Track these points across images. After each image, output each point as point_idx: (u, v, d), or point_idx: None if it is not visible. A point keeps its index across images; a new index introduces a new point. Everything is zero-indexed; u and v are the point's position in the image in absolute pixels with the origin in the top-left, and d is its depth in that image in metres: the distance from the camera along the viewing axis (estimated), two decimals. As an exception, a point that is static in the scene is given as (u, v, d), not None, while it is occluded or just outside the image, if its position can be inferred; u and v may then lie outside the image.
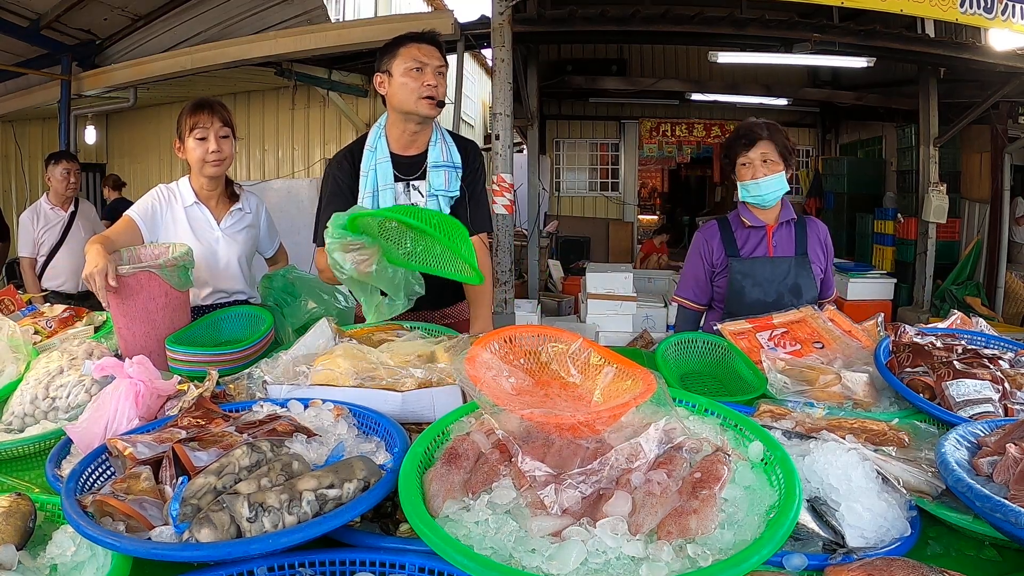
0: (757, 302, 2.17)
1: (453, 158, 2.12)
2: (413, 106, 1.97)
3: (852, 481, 1.01)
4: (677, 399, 1.16)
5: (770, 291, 2.21)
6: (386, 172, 2.04)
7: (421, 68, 1.95)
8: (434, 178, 2.07)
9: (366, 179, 2.04)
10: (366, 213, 1.54)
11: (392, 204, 2.02)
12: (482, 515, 0.87)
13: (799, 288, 2.23)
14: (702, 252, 2.32)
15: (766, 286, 2.21)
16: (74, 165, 4.29)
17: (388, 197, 2.04)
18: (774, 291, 2.21)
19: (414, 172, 2.09)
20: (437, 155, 2.10)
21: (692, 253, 2.38)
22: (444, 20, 5.92)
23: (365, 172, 2.04)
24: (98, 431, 1.18)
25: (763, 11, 5.82)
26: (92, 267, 1.67)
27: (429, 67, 1.96)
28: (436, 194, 2.08)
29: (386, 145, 2.06)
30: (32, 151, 8.98)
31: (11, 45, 6.59)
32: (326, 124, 8.44)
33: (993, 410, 1.32)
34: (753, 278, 2.22)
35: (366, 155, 2.06)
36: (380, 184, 2.03)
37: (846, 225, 9.06)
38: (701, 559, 0.79)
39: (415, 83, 1.95)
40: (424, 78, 1.95)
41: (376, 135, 2.08)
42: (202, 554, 0.80)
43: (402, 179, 2.07)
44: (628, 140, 10.44)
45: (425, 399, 1.25)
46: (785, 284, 2.22)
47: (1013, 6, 4.85)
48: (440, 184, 2.08)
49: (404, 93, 1.97)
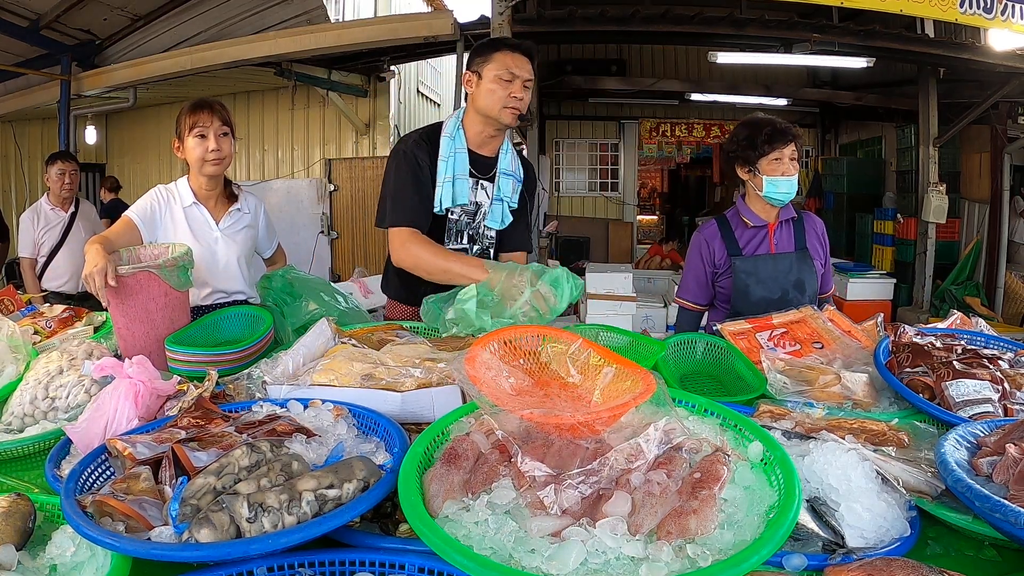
0: (762, 299, 2.18)
1: (518, 171, 2.19)
2: (497, 113, 2.01)
3: (852, 481, 1.01)
4: (677, 399, 1.16)
5: (774, 288, 2.21)
6: (464, 162, 2.06)
7: (511, 79, 1.98)
8: (503, 184, 2.14)
9: (446, 164, 2.05)
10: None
11: (466, 194, 2.07)
12: (482, 515, 0.87)
13: (803, 283, 2.24)
14: (703, 253, 2.32)
15: (770, 283, 2.22)
16: (70, 166, 4.28)
17: (463, 187, 2.07)
18: (779, 288, 2.21)
19: (484, 172, 2.13)
20: (507, 163, 2.16)
21: (692, 254, 2.37)
22: (444, 20, 5.92)
23: (445, 158, 2.05)
24: (98, 431, 1.18)
25: (763, 11, 5.82)
26: (92, 267, 1.67)
27: (519, 79, 1.99)
28: (503, 199, 2.15)
29: (464, 138, 2.08)
30: (32, 151, 8.99)
31: (11, 45, 6.59)
32: (326, 124, 8.45)
33: (993, 410, 1.32)
34: (757, 276, 2.22)
35: (444, 142, 2.07)
36: (458, 172, 2.05)
37: (846, 225, 9.06)
38: (701, 559, 0.79)
39: (503, 91, 1.98)
40: (512, 88, 1.99)
41: (454, 126, 2.09)
42: (202, 554, 0.80)
43: (473, 175, 2.10)
44: (628, 140, 10.43)
45: (425, 399, 1.25)
46: (789, 280, 2.23)
47: (1013, 6, 4.85)
48: (508, 191, 2.15)
49: (490, 98, 2.00)
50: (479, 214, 2.15)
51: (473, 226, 2.16)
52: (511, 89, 1.99)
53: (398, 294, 2.23)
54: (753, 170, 2.21)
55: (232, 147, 2.21)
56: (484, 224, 2.17)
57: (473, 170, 2.09)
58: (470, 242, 2.17)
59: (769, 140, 2.17)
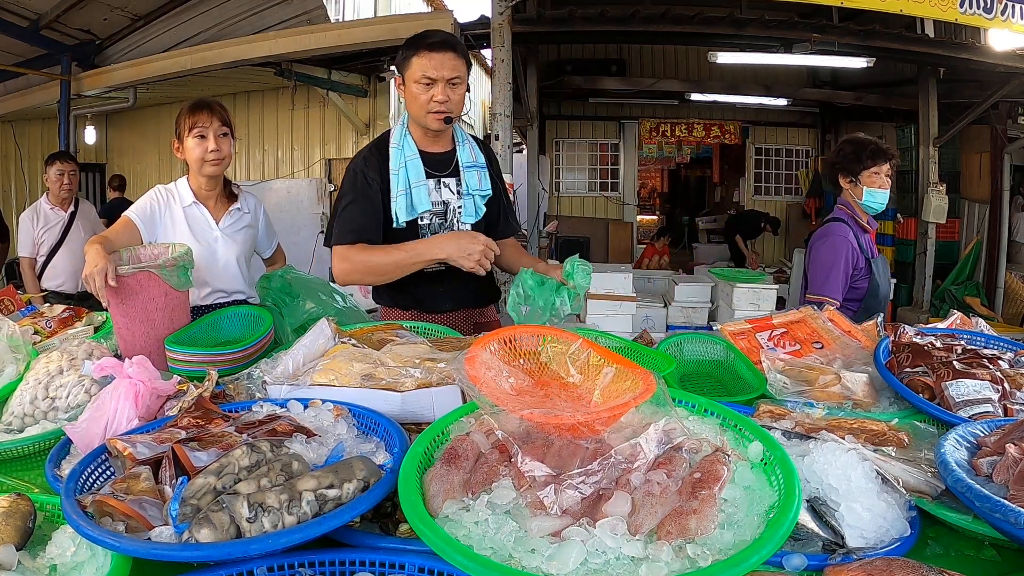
0: (884, 297, 2.57)
1: (479, 158, 2.12)
2: (423, 119, 1.95)
3: (852, 481, 1.01)
4: (677, 399, 1.16)
5: (888, 287, 2.59)
6: (417, 169, 2.00)
7: (431, 83, 1.91)
8: (469, 178, 2.07)
9: (397, 177, 1.99)
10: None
11: (427, 200, 2.00)
12: (482, 515, 0.87)
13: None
14: (847, 255, 2.50)
15: (887, 282, 2.60)
16: (69, 166, 4.29)
17: (423, 194, 2.00)
18: (889, 286, 2.59)
19: (443, 169, 2.07)
20: (467, 156, 2.09)
21: (838, 254, 2.52)
22: (444, 20, 5.92)
23: (395, 170, 1.99)
24: (98, 431, 1.18)
25: (763, 11, 5.83)
26: (91, 267, 1.67)
27: (439, 81, 1.90)
28: (472, 194, 2.08)
29: (413, 142, 2.02)
30: (32, 151, 8.99)
31: (11, 45, 6.59)
32: (326, 124, 8.45)
33: (993, 410, 1.32)
34: (884, 276, 2.57)
35: (393, 153, 2.01)
36: (413, 181, 1.99)
37: (846, 225, 9.04)
38: (701, 559, 0.79)
39: (424, 96, 1.91)
40: (433, 92, 1.91)
41: (400, 133, 2.03)
42: (202, 554, 0.80)
43: (433, 175, 2.04)
44: (628, 140, 10.44)
45: (425, 399, 1.25)
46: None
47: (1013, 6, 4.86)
48: (475, 184, 2.08)
49: (415, 105, 1.95)
50: (449, 212, 2.08)
51: (446, 225, 2.08)
52: (431, 92, 1.91)
53: (393, 300, 2.15)
54: (855, 181, 2.54)
55: (232, 147, 2.21)
56: (459, 222, 2.09)
57: (431, 170, 2.03)
58: None
59: (872, 156, 2.51)
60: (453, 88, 1.93)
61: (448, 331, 1.89)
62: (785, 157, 10.65)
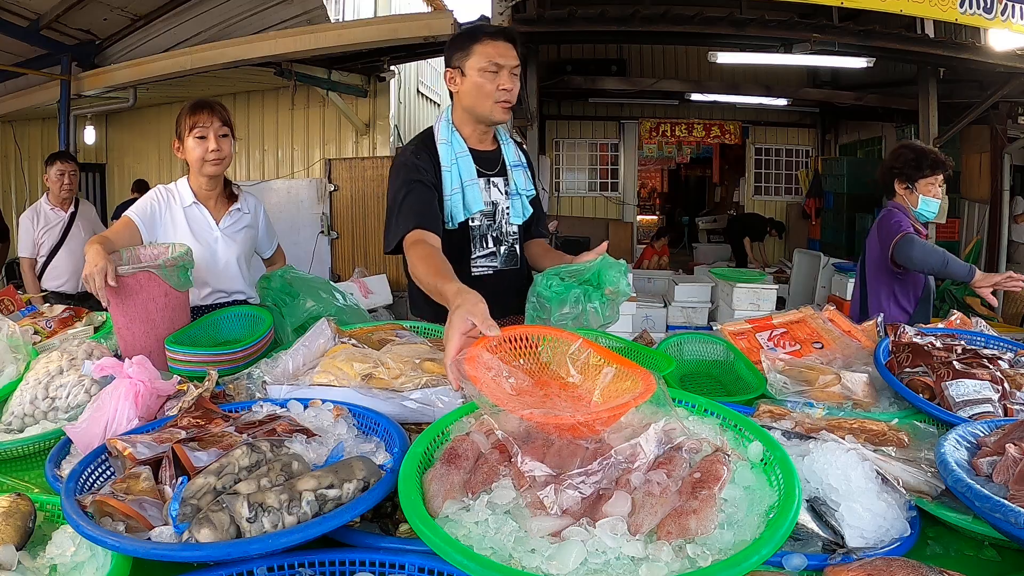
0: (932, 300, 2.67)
1: (522, 158, 2.08)
2: (488, 110, 1.89)
3: (851, 481, 1.01)
4: (677, 399, 1.16)
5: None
6: (469, 166, 1.94)
7: (497, 70, 1.84)
8: (518, 178, 2.03)
9: (450, 174, 1.92)
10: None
11: (480, 200, 1.94)
12: (482, 515, 0.87)
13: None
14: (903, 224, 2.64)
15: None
16: (70, 166, 4.29)
17: (476, 192, 1.93)
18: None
19: (491, 168, 2.02)
20: (511, 155, 2.04)
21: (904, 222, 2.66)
22: (444, 20, 5.92)
23: (447, 167, 1.92)
24: (98, 431, 1.18)
25: (763, 11, 5.82)
26: (92, 267, 1.67)
27: (505, 68, 1.85)
28: (521, 193, 2.03)
29: (461, 139, 1.96)
30: (32, 151, 8.99)
31: (11, 45, 6.59)
32: (326, 124, 8.45)
33: (993, 410, 1.32)
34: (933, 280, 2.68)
35: (442, 149, 1.93)
36: (465, 179, 1.93)
37: (845, 225, 9.06)
38: (701, 559, 0.79)
39: (491, 85, 1.85)
40: (500, 80, 1.85)
41: (447, 129, 1.95)
42: (202, 554, 0.80)
43: (482, 174, 1.98)
44: (628, 140, 10.44)
45: (425, 399, 1.25)
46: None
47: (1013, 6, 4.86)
48: (522, 183, 2.04)
49: (479, 95, 1.87)
50: (498, 213, 2.03)
51: (495, 227, 2.02)
52: (499, 81, 1.85)
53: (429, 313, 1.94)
54: (911, 188, 2.63)
55: (232, 147, 2.21)
56: (507, 222, 2.04)
57: (480, 168, 1.97)
58: (495, 244, 2.04)
59: (932, 166, 2.62)
60: (514, 78, 1.88)
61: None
62: (785, 157, 10.66)
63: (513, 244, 2.08)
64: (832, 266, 7.44)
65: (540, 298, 1.69)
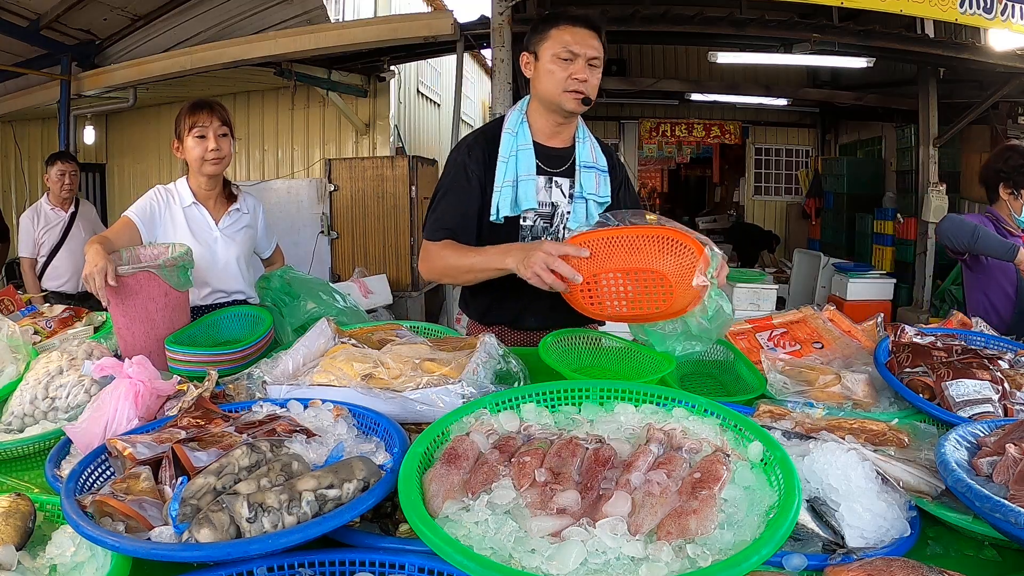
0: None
1: (600, 160, 1.92)
2: (557, 98, 1.78)
3: (852, 481, 1.01)
4: (677, 399, 1.16)
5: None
6: (529, 161, 1.83)
7: (571, 58, 1.75)
8: (585, 180, 1.88)
9: (506, 165, 1.82)
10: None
11: (533, 197, 1.83)
12: (482, 515, 0.87)
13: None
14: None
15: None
16: (71, 166, 4.29)
17: (530, 189, 1.82)
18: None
19: (558, 166, 1.89)
20: (586, 154, 1.90)
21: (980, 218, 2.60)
22: (444, 20, 5.93)
23: (505, 158, 1.82)
24: (98, 431, 1.18)
25: (763, 11, 5.83)
26: (91, 267, 1.67)
27: (581, 57, 1.75)
28: (586, 198, 1.87)
29: (528, 131, 1.86)
30: (32, 151, 8.98)
31: (11, 45, 6.59)
32: (326, 124, 8.45)
33: (993, 410, 1.32)
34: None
35: (505, 139, 1.84)
36: (522, 173, 1.82)
37: (845, 225, 9.06)
38: (701, 559, 0.79)
39: (562, 72, 1.75)
40: (573, 68, 1.75)
41: (517, 119, 1.86)
42: (202, 554, 0.80)
43: (545, 172, 1.87)
44: (628, 140, 10.43)
45: (425, 399, 1.25)
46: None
47: (1013, 6, 4.86)
48: (591, 187, 1.88)
49: (549, 82, 1.78)
50: (557, 216, 1.89)
51: (551, 230, 1.89)
52: (571, 69, 1.75)
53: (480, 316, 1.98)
54: (1016, 194, 2.58)
55: (232, 147, 2.21)
56: (565, 227, 1.89)
57: (544, 166, 1.85)
58: None
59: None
60: (592, 70, 1.78)
61: (447, 331, 1.89)
62: (785, 157, 10.66)
63: None
64: (832, 266, 7.44)
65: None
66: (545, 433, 1.08)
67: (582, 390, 1.21)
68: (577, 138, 1.91)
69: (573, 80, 1.75)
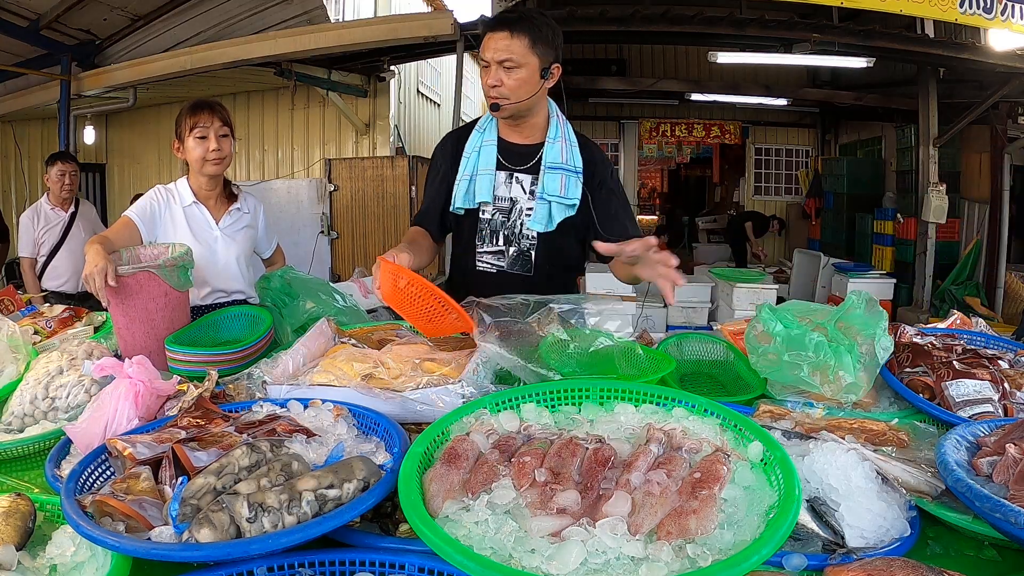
0: None
1: (574, 161, 1.88)
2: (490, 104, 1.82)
3: (852, 481, 1.01)
4: (677, 399, 1.16)
5: None
6: (489, 157, 1.86)
7: (487, 65, 1.78)
8: (548, 182, 1.85)
9: (467, 160, 1.88)
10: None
11: (488, 191, 1.85)
12: (482, 515, 0.87)
13: None
14: None
15: None
16: (71, 166, 4.29)
17: (484, 184, 1.85)
18: None
19: (521, 163, 1.89)
20: (554, 155, 1.86)
21: None
22: (444, 20, 5.93)
23: (468, 154, 1.89)
24: (98, 431, 1.18)
25: (763, 11, 5.83)
26: (91, 267, 1.67)
27: (492, 63, 1.76)
28: (548, 199, 1.85)
29: (496, 129, 1.90)
30: (32, 151, 8.99)
31: (11, 45, 6.59)
32: (326, 124, 8.45)
33: (993, 410, 1.32)
34: None
35: (473, 136, 1.90)
36: (480, 168, 1.85)
37: (846, 225, 9.06)
38: (701, 559, 0.79)
39: (484, 80, 1.80)
40: (487, 76, 1.78)
41: (488, 116, 1.91)
42: (202, 554, 0.80)
43: (507, 168, 1.89)
44: (628, 140, 10.43)
45: (425, 399, 1.25)
46: None
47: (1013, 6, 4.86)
48: (555, 189, 1.84)
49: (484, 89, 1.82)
50: (514, 211, 1.91)
51: (508, 224, 1.91)
52: (486, 78, 1.78)
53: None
54: None
55: (232, 147, 2.21)
56: (523, 223, 1.90)
57: (506, 162, 1.88)
58: (506, 243, 1.93)
59: None
60: (507, 72, 1.75)
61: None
62: (785, 157, 10.66)
63: (529, 249, 1.93)
64: (832, 266, 7.45)
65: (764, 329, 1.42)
66: (545, 433, 1.08)
67: (582, 390, 1.21)
68: (548, 137, 1.90)
69: (488, 87, 1.79)
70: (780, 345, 1.38)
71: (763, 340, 1.43)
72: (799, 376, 1.36)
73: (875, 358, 1.39)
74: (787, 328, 1.40)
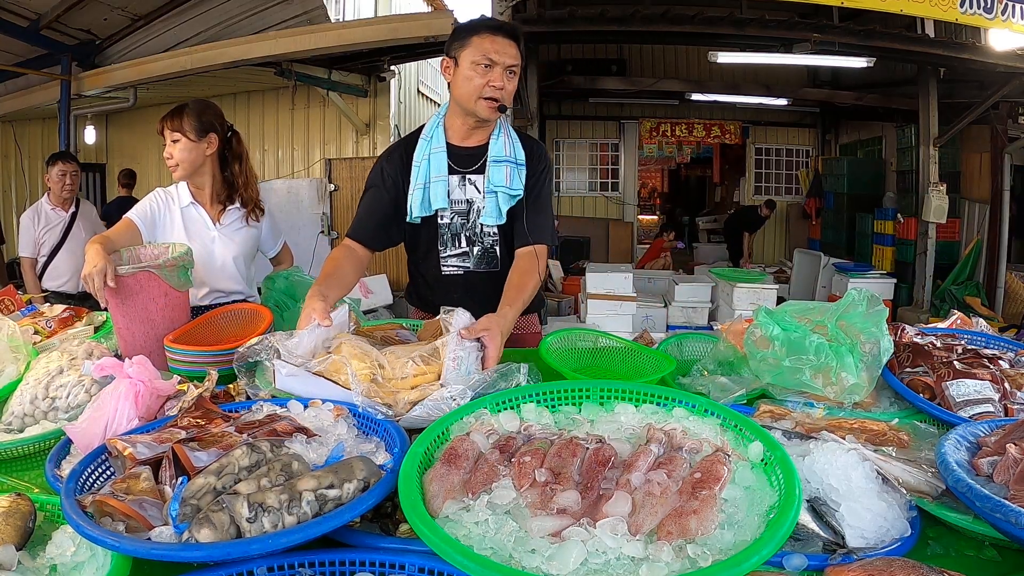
0: None
1: (516, 154, 1.94)
2: (472, 105, 1.83)
3: (852, 481, 1.01)
4: (677, 399, 1.16)
5: None
6: (440, 163, 1.90)
7: (490, 65, 1.79)
8: (494, 173, 1.91)
9: (418, 169, 1.90)
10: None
11: (444, 197, 1.89)
12: (482, 515, 0.87)
13: None
14: None
15: None
16: (71, 166, 4.29)
17: (440, 190, 1.89)
18: None
19: (471, 164, 1.94)
20: (499, 149, 1.93)
21: None
22: (444, 20, 5.92)
23: (418, 162, 1.91)
24: (98, 431, 1.18)
25: (763, 11, 5.83)
26: (91, 267, 1.67)
27: (500, 65, 1.79)
28: (496, 190, 1.92)
29: (443, 135, 1.93)
30: (32, 151, 8.99)
31: (11, 45, 6.59)
32: (326, 124, 8.46)
33: (993, 410, 1.32)
34: None
35: (420, 144, 1.92)
36: (433, 175, 1.89)
37: (846, 225, 9.07)
38: (701, 559, 0.79)
39: (480, 79, 1.79)
40: (491, 76, 1.79)
41: (434, 124, 1.94)
42: (202, 554, 0.80)
43: (458, 171, 1.93)
44: (628, 140, 10.44)
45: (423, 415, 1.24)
46: None
47: (1013, 6, 4.86)
48: (500, 180, 1.91)
49: (467, 88, 1.82)
50: (472, 212, 1.96)
51: (468, 226, 1.97)
52: (489, 77, 1.79)
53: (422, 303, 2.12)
54: None
55: (191, 151, 2.17)
56: (480, 222, 1.96)
57: (456, 166, 1.92)
58: (469, 244, 1.98)
59: None
60: (510, 77, 1.83)
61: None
62: (785, 157, 10.67)
63: (492, 246, 1.99)
64: (832, 266, 7.45)
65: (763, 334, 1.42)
66: (545, 433, 1.08)
67: (582, 390, 1.21)
68: (492, 135, 1.95)
69: (491, 87, 1.81)
70: (780, 349, 1.38)
71: (762, 345, 1.42)
72: (801, 380, 1.36)
73: (877, 357, 1.39)
74: (786, 331, 1.40)
